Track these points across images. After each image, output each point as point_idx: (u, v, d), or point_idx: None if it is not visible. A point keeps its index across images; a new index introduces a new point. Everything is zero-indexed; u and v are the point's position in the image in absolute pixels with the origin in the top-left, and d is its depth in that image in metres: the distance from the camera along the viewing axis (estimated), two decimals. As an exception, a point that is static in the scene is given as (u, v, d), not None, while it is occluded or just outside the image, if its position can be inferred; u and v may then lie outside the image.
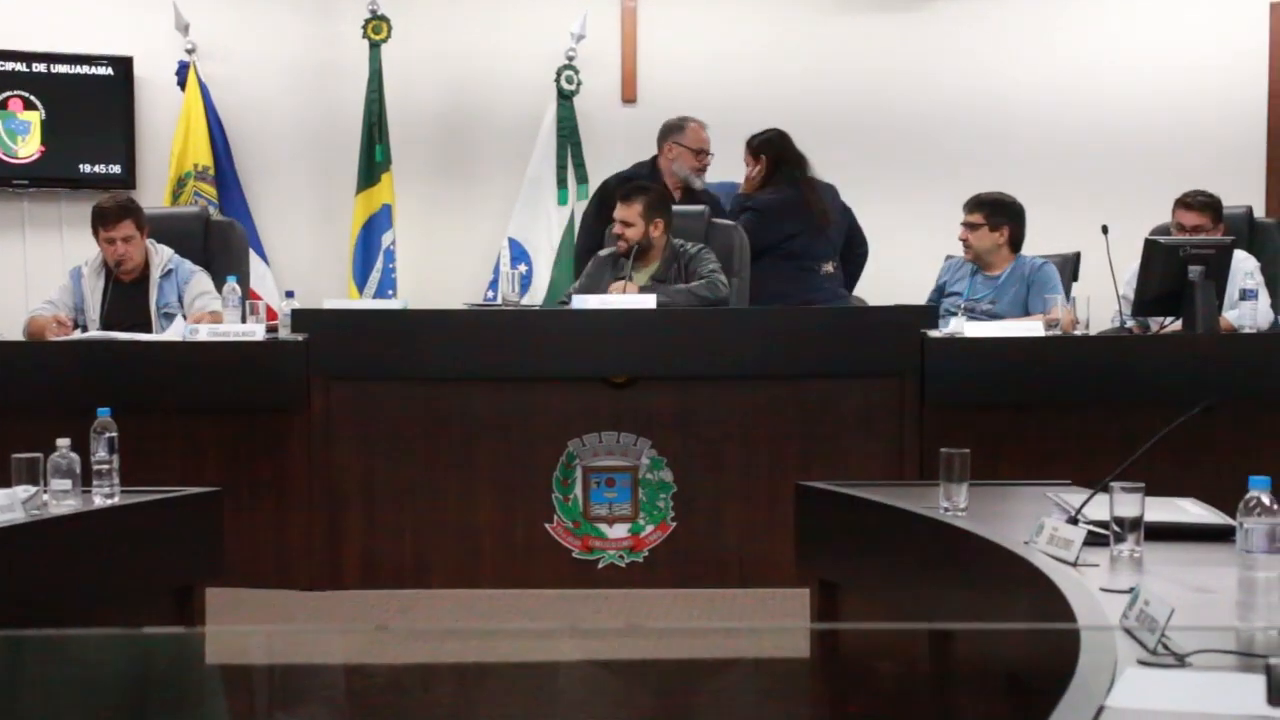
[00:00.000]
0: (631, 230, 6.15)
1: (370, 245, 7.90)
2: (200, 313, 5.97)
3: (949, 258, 6.71)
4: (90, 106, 7.98)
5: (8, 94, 7.91)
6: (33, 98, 7.92)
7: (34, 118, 7.94)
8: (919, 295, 6.60)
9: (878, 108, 8.13)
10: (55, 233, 8.01)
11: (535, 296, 7.71)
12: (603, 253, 6.35)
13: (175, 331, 5.86)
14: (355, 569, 5.64)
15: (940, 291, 6.53)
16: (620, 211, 6.19)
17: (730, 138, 7.92)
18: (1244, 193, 7.14)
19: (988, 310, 6.25)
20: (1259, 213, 7.02)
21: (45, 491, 3.96)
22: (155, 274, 6.10)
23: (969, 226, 6.36)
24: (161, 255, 6.15)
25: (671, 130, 6.89)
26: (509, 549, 5.63)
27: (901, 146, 8.12)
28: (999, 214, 6.33)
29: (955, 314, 6.17)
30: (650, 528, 5.64)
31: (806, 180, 6.93)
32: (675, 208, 6.43)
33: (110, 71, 8.00)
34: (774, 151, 7.04)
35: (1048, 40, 8.08)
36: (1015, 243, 6.38)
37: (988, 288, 6.35)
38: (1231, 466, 4.98)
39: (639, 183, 6.47)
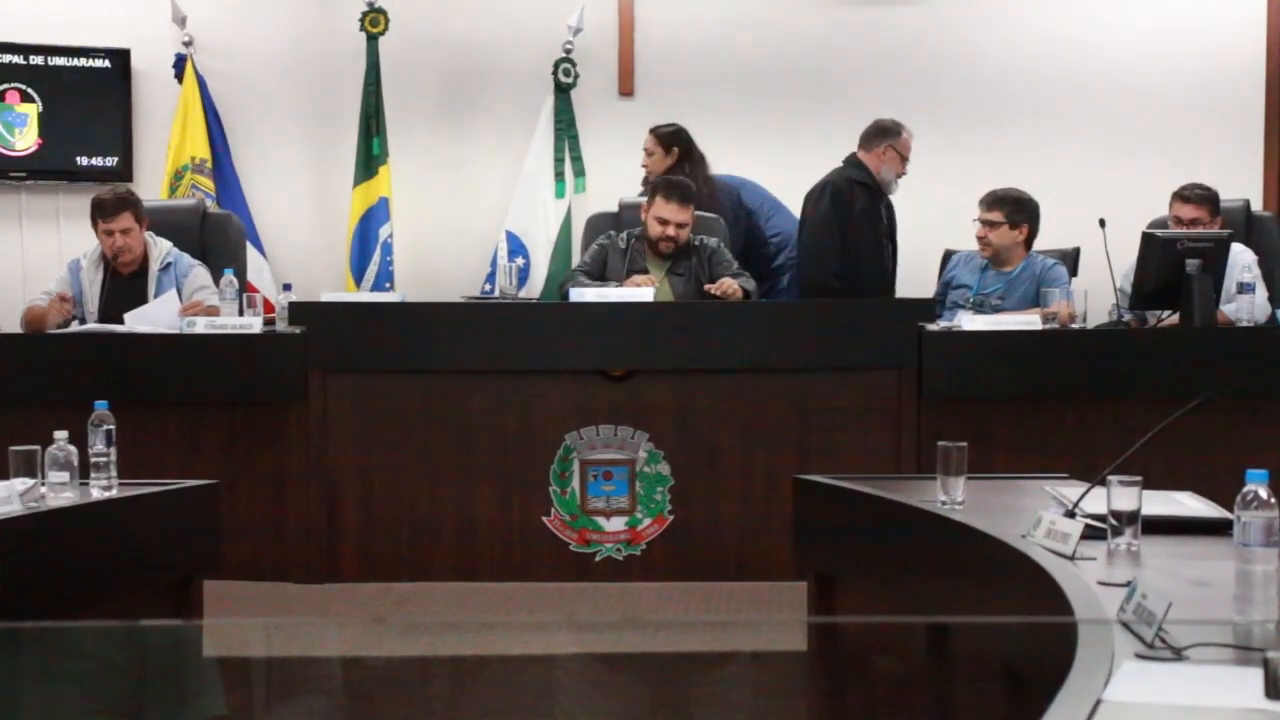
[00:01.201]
0: (684, 231, 6.20)
1: (368, 238, 7.90)
2: (196, 304, 5.96)
3: (953, 253, 6.70)
4: (87, 99, 7.97)
5: (5, 86, 7.90)
6: (30, 90, 7.92)
7: (31, 110, 7.93)
8: (917, 285, 6.59)
9: (874, 101, 8.09)
10: (52, 225, 8.01)
11: (533, 289, 7.70)
12: (620, 241, 6.34)
13: (164, 304, 5.88)
14: (353, 562, 5.64)
15: (947, 286, 6.53)
16: (675, 212, 6.18)
17: (728, 130, 7.95)
18: (1241, 186, 7.15)
19: (996, 305, 6.25)
20: (1256, 206, 7.03)
21: (43, 484, 3.96)
22: (154, 266, 6.10)
23: (988, 224, 6.34)
24: (160, 248, 6.15)
25: (889, 133, 6.80)
26: (506, 542, 5.64)
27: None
28: (1019, 212, 6.33)
29: (964, 307, 6.18)
30: (648, 521, 5.64)
31: (705, 178, 6.97)
32: None
33: (107, 64, 7.99)
34: (684, 145, 7.13)
35: (1044, 30, 8.07)
36: (1030, 240, 6.38)
37: (998, 282, 6.34)
38: (1229, 460, 4.99)
39: (684, 181, 6.46)
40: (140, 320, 5.83)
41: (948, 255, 6.82)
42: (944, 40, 8.11)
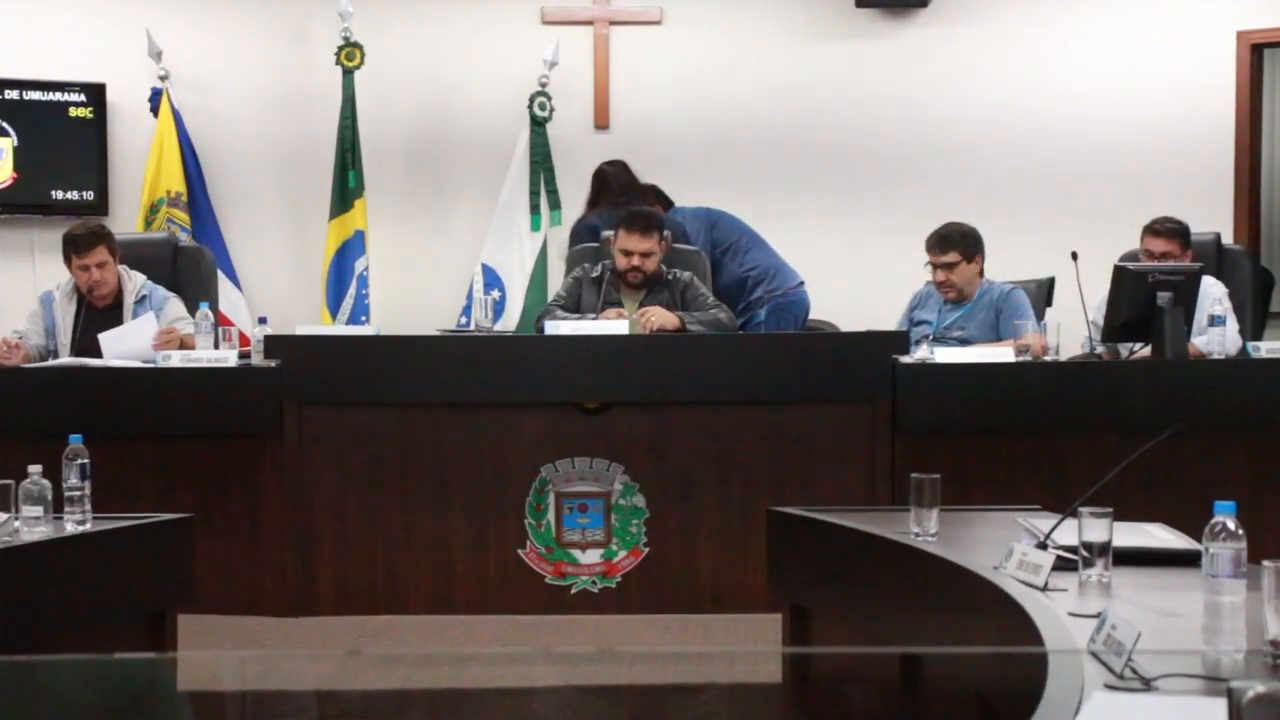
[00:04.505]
0: (651, 260, 6.19)
1: (343, 271, 7.91)
2: (171, 330, 5.94)
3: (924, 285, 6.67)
4: (63, 133, 7.97)
5: (-20, 120, 7.92)
6: (5, 124, 7.92)
7: (6, 144, 7.93)
8: (889, 317, 6.61)
9: (848, 134, 8.17)
10: (27, 259, 8.00)
11: (508, 323, 7.72)
12: (593, 272, 6.35)
13: (140, 326, 5.89)
14: (328, 595, 5.63)
15: (911, 324, 6.49)
16: (638, 243, 6.18)
17: (701, 164, 8.00)
18: (1212, 219, 7.20)
19: (958, 337, 6.25)
20: (1227, 239, 7.07)
21: (17, 518, 3.95)
22: (129, 299, 6.10)
23: (948, 267, 6.28)
24: (135, 281, 6.14)
25: None
26: (482, 574, 5.64)
27: (871, 171, 8.16)
28: (972, 245, 6.29)
29: (921, 342, 6.17)
30: (623, 553, 5.64)
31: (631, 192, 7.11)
32: None
33: (83, 98, 8.00)
34: (596, 181, 7.34)
35: (1019, 68, 8.13)
36: (981, 268, 6.39)
37: (955, 314, 6.34)
38: (1198, 492, 5.02)
39: (647, 210, 6.50)
40: (115, 342, 5.84)
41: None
42: (920, 78, 8.16)
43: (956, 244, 6.28)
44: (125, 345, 5.85)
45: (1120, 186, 7.92)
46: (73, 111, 8.00)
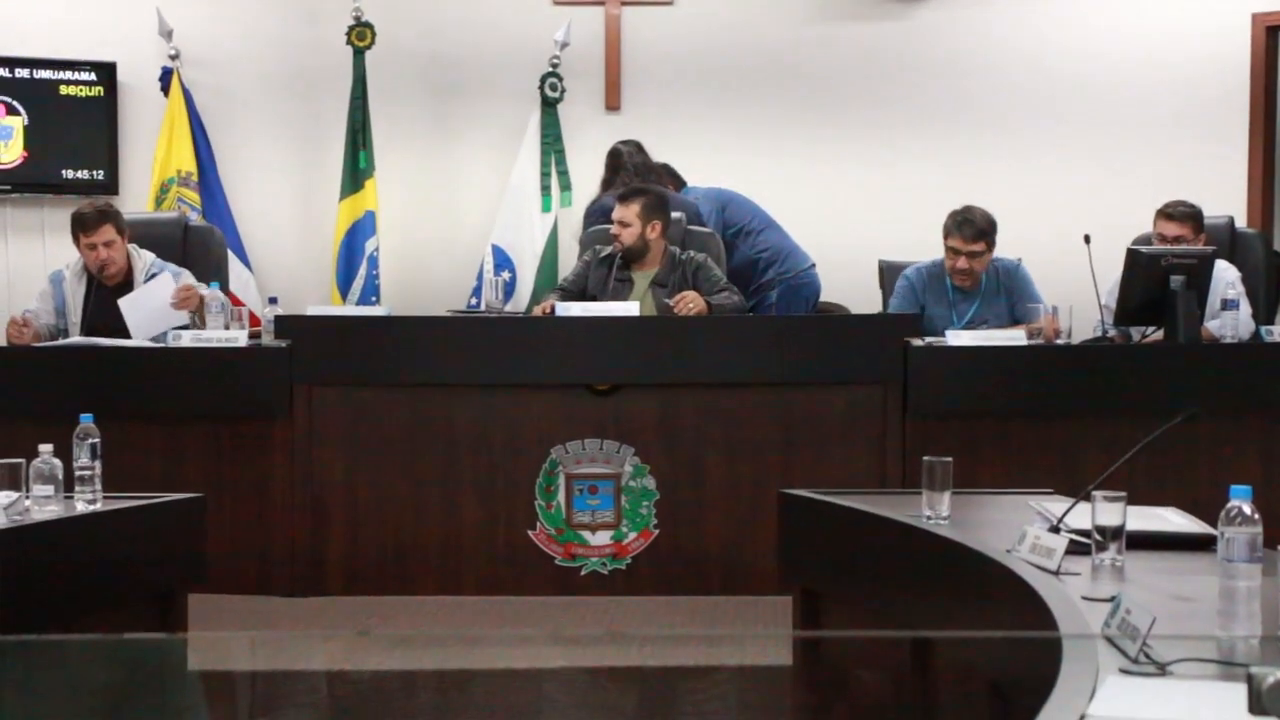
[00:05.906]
0: (627, 231, 6.17)
1: (354, 251, 7.89)
2: (189, 288, 5.91)
3: (904, 276, 6.55)
4: (73, 112, 7.95)
5: (-9, 99, 7.91)
6: (15, 103, 7.90)
7: (17, 123, 7.91)
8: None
9: (858, 114, 8.13)
10: (38, 238, 7.99)
11: (519, 303, 7.70)
12: (602, 251, 6.34)
13: (157, 286, 5.90)
14: (338, 575, 5.64)
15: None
16: (617, 212, 6.21)
17: (714, 144, 7.97)
18: (1225, 203, 7.17)
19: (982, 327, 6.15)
20: (1240, 223, 7.04)
21: (27, 497, 3.95)
22: (139, 278, 6.08)
23: (974, 255, 6.17)
24: (144, 259, 6.13)
25: None
26: (492, 556, 5.64)
27: (884, 152, 8.12)
28: (995, 232, 6.22)
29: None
30: (633, 535, 5.64)
31: (642, 171, 7.18)
32: None
33: (94, 77, 7.98)
34: (610, 161, 7.41)
35: (1029, 53, 8.09)
36: None
37: (971, 304, 6.26)
38: (1212, 476, 5.04)
39: (638, 184, 6.50)
40: (134, 306, 5.84)
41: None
42: (927, 56, 8.13)
43: (984, 235, 6.16)
44: (145, 308, 5.84)
45: (1133, 169, 7.89)
46: (83, 91, 7.98)
